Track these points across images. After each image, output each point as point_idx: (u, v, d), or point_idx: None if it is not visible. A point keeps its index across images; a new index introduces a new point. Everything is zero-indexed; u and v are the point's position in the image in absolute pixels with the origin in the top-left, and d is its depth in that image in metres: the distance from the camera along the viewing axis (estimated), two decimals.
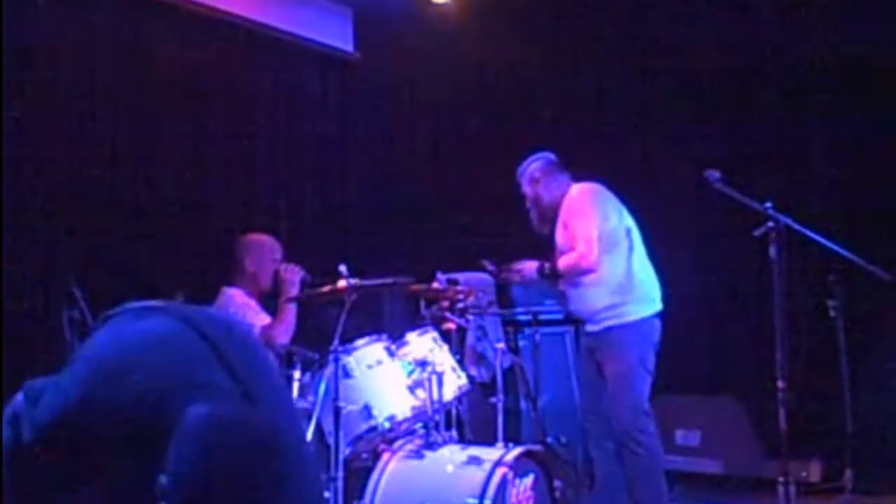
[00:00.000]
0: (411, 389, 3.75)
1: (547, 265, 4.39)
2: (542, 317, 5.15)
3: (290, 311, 4.11)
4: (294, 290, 4.17)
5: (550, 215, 4.47)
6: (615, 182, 4.68)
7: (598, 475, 4.40)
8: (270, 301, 4.27)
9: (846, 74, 5.34)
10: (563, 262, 4.31)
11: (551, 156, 4.59)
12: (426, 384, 3.72)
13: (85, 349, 0.86)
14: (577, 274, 4.28)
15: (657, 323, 4.29)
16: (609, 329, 4.26)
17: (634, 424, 4.14)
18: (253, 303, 4.20)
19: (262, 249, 4.30)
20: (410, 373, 3.78)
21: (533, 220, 4.56)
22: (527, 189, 4.55)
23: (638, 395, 4.17)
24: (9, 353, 3.75)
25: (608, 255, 4.24)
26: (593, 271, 4.22)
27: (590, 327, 4.38)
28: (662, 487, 4.20)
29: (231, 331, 0.88)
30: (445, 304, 4.33)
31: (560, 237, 4.40)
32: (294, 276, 4.20)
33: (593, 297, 4.31)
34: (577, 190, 4.41)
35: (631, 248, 4.31)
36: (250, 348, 0.88)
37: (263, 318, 4.14)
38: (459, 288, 4.49)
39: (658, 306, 4.31)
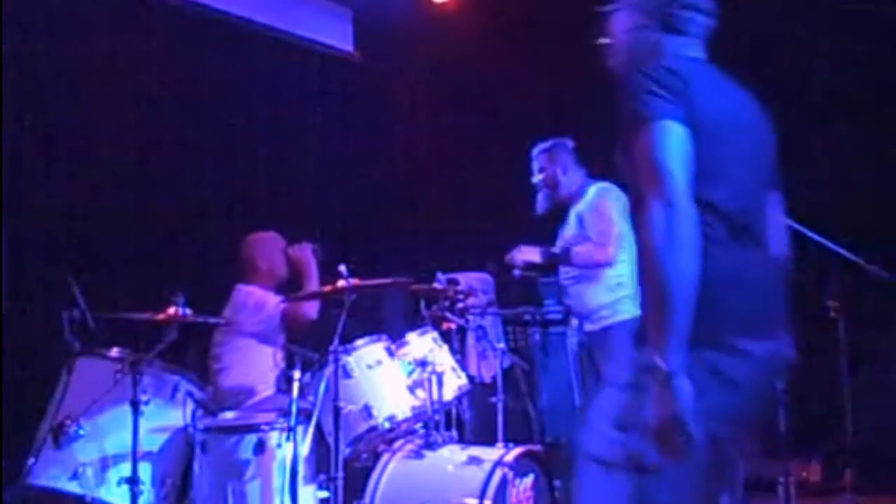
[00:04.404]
0: (411, 389, 3.75)
1: (557, 248, 4.32)
2: (541, 316, 5.14)
3: (313, 285, 4.14)
4: (312, 266, 4.22)
5: (559, 203, 4.43)
6: (615, 181, 4.65)
7: None
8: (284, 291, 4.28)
9: (847, 74, 5.34)
10: (579, 249, 4.24)
11: (570, 143, 4.53)
12: (426, 384, 3.72)
13: None
14: (591, 264, 4.22)
15: None
16: (607, 328, 4.23)
17: None
18: (271, 294, 4.21)
19: (270, 244, 4.35)
20: (410, 373, 3.78)
21: (539, 200, 4.48)
22: (544, 164, 4.46)
23: None
24: (9, 354, 3.75)
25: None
26: (609, 265, 4.18)
27: (588, 326, 4.33)
28: None
29: None
30: (445, 304, 4.33)
31: (571, 229, 4.35)
32: (305, 252, 4.26)
33: (592, 295, 4.28)
34: (599, 190, 4.34)
35: (628, 248, 4.31)
36: None
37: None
38: (459, 288, 4.49)
39: None
